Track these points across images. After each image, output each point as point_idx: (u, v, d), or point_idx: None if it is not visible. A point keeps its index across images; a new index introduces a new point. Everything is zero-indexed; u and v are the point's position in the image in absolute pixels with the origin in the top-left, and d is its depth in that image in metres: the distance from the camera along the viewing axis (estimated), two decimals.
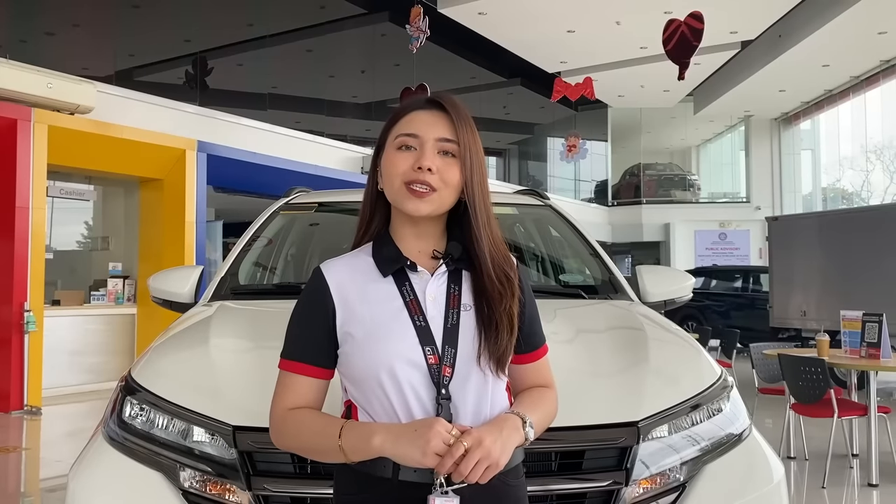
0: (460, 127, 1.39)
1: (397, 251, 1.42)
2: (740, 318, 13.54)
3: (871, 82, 18.01)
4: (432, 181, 1.35)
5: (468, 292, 1.41)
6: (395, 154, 1.39)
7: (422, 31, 11.11)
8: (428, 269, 1.42)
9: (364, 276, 1.41)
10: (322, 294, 1.40)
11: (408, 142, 1.38)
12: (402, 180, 1.36)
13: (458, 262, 1.42)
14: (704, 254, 22.01)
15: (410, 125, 1.39)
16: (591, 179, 24.31)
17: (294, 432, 1.38)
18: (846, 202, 21.45)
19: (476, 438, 1.26)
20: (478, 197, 1.39)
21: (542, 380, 1.51)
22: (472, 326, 1.38)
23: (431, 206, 1.37)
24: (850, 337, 5.72)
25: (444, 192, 1.37)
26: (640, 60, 16.83)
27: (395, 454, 1.27)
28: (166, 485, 1.86)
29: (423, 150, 1.37)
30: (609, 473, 1.82)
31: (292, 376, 1.40)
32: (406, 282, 1.40)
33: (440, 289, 1.40)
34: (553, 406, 1.49)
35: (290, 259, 3.73)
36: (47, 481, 5.41)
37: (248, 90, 14.00)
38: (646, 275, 3.13)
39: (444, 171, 1.37)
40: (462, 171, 1.38)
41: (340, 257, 1.47)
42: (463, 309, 1.39)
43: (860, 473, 5.40)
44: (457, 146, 1.38)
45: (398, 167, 1.37)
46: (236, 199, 12.69)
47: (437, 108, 1.41)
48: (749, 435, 2.10)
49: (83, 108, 8.66)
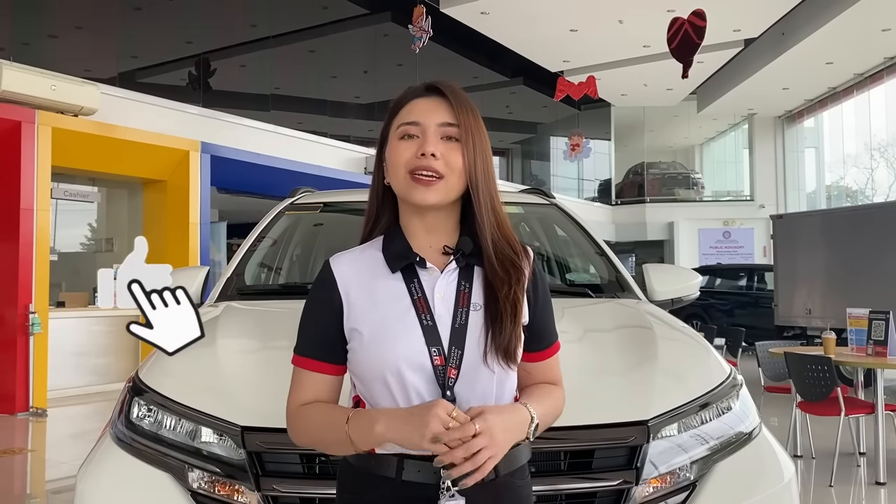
0: (460, 110, 1.37)
1: (407, 246, 1.39)
2: (745, 317, 13.50)
3: (875, 79, 17.96)
4: (438, 167, 1.33)
5: (479, 290, 1.38)
6: (397, 144, 1.37)
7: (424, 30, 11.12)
8: (438, 265, 1.38)
9: (372, 271, 1.39)
10: (329, 288, 1.39)
11: (410, 130, 1.36)
12: (407, 169, 1.34)
13: (469, 259, 1.39)
14: (708, 252, 21.98)
15: (411, 113, 1.38)
16: (594, 178, 24.28)
17: (305, 426, 1.38)
18: (850, 200, 21.39)
19: (488, 425, 1.23)
20: (481, 180, 1.37)
21: (551, 378, 1.48)
22: (480, 326, 1.35)
23: (438, 194, 1.34)
24: (856, 335, 5.70)
25: (450, 178, 1.34)
26: (643, 59, 16.82)
27: (397, 439, 1.25)
28: (175, 486, 1.86)
29: (425, 137, 1.35)
30: (619, 473, 1.81)
31: (304, 373, 1.40)
32: (415, 278, 1.37)
33: (450, 286, 1.37)
34: (560, 404, 1.47)
35: (295, 259, 3.73)
36: (53, 483, 5.41)
37: (251, 91, 14.01)
38: (653, 273, 3.12)
39: (448, 155, 1.35)
40: (465, 154, 1.35)
41: (350, 251, 1.44)
42: (472, 308, 1.36)
43: (867, 472, 5.38)
44: (458, 129, 1.36)
45: (402, 156, 1.36)
46: (240, 199, 12.70)
47: (436, 94, 1.40)
48: (759, 433, 2.09)
49: (87, 109, 8.67)
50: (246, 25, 13.40)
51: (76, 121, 8.64)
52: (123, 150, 9.24)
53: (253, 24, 13.30)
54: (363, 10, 14.57)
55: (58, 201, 9.48)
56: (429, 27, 11.11)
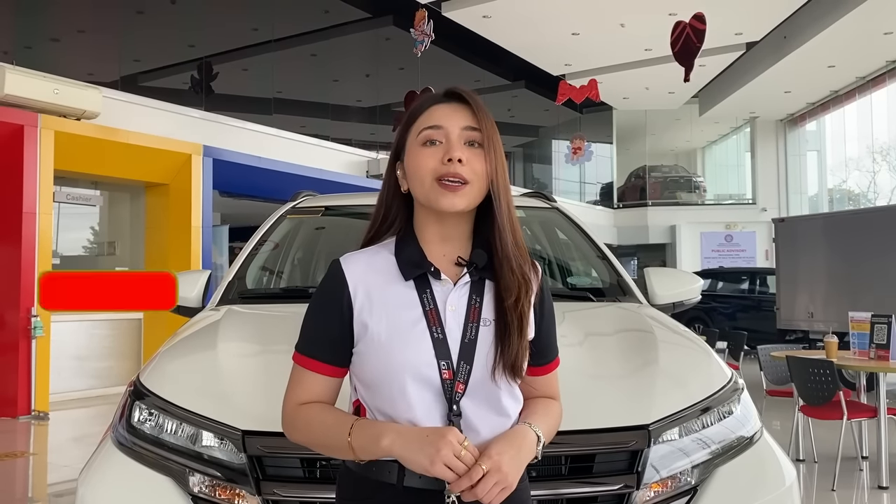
0: (481, 116, 1.37)
1: (421, 254, 1.37)
2: (747, 320, 13.48)
3: (877, 83, 17.95)
4: (464, 173, 1.32)
5: (490, 305, 1.37)
6: (420, 151, 1.35)
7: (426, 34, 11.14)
8: (451, 276, 1.37)
9: (384, 276, 1.37)
10: (339, 288, 1.37)
11: (432, 135, 1.35)
12: (433, 176, 1.32)
13: (482, 272, 1.38)
14: (711, 256, 21.96)
15: (432, 118, 1.37)
16: (596, 182, 24.27)
17: (305, 427, 1.37)
18: (853, 203, 21.37)
19: (495, 463, 1.24)
20: (502, 189, 1.36)
21: (550, 392, 1.50)
22: (490, 341, 1.34)
23: (466, 199, 1.33)
24: (858, 338, 5.69)
25: (475, 184, 1.33)
26: (644, 62, 16.83)
27: (404, 458, 1.25)
28: (176, 489, 1.86)
29: (449, 142, 1.34)
30: (620, 477, 1.81)
31: (304, 371, 1.39)
32: (427, 289, 1.36)
33: (461, 300, 1.36)
34: (559, 420, 1.48)
35: (297, 263, 3.73)
36: (55, 486, 5.41)
37: (253, 95, 14.03)
38: (654, 277, 3.11)
39: (472, 161, 1.34)
40: (487, 160, 1.35)
41: (361, 251, 1.43)
42: (482, 324, 1.35)
43: (870, 476, 5.37)
44: (481, 134, 1.35)
45: (427, 163, 1.34)
46: (242, 203, 12.71)
47: (455, 99, 1.39)
48: (760, 438, 2.09)
49: (89, 113, 8.69)
50: (248, 29, 13.43)
51: (79, 124, 8.65)
52: (126, 154, 9.25)
53: (255, 28, 13.32)
54: (365, 14, 14.60)
55: (60, 205, 9.49)
56: (430, 31, 11.13)
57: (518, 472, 1.28)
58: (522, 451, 1.30)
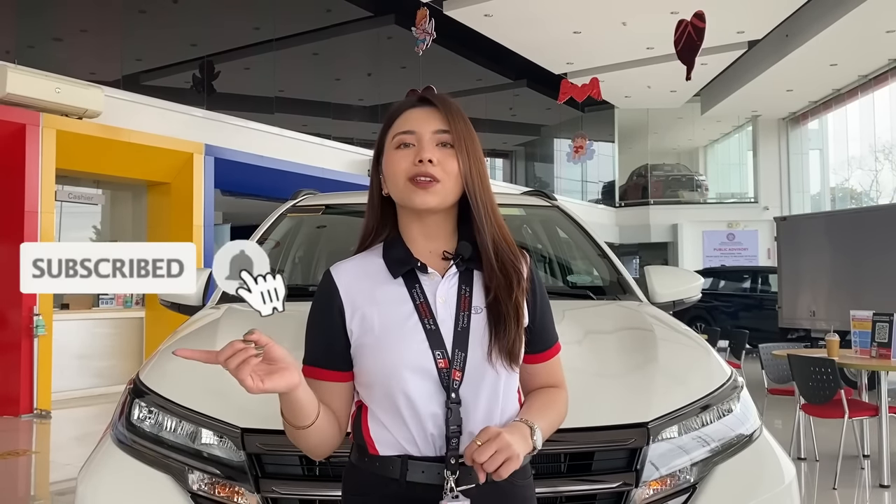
0: (452, 118, 1.42)
1: (407, 252, 1.42)
2: (749, 319, 13.48)
3: (879, 81, 17.92)
4: (435, 172, 1.37)
5: (479, 293, 1.41)
6: (394, 154, 1.42)
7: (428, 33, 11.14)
8: (439, 270, 1.42)
9: (373, 277, 1.42)
10: (331, 296, 1.42)
11: (406, 139, 1.41)
12: (406, 176, 1.39)
13: (468, 263, 1.42)
14: (713, 254, 21.94)
15: (406, 123, 1.42)
16: (598, 180, 24.25)
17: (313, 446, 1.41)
18: (855, 202, 21.35)
19: (493, 432, 1.26)
20: (478, 187, 1.41)
21: (554, 379, 1.51)
22: (483, 328, 1.37)
23: (437, 197, 1.38)
24: (860, 337, 5.69)
25: (447, 182, 1.38)
26: (646, 61, 16.81)
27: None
28: (175, 487, 1.86)
29: (421, 144, 1.40)
30: (619, 475, 1.81)
31: (313, 382, 1.41)
32: (416, 284, 1.40)
33: (451, 291, 1.40)
34: (563, 408, 1.49)
35: (297, 261, 3.73)
36: (57, 484, 5.42)
37: (255, 94, 14.02)
38: (654, 275, 3.11)
39: (443, 161, 1.39)
40: (459, 160, 1.39)
41: (350, 259, 1.48)
42: (474, 312, 1.39)
43: (871, 474, 5.37)
44: (451, 135, 1.40)
45: (400, 165, 1.40)
46: (244, 202, 12.72)
47: (428, 104, 1.45)
48: (760, 436, 2.08)
49: (91, 112, 8.70)
50: (249, 28, 13.43)
51: (80, 123, 8.66)
52: (127, 153, 9.26)
53: (256, 27, 13.32)
54: (367, 13, 14.60)
55: (62, 204, 9.50)
56: (432, 29, 11.13)
57: (522, 448, 1.28)
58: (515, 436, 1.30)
